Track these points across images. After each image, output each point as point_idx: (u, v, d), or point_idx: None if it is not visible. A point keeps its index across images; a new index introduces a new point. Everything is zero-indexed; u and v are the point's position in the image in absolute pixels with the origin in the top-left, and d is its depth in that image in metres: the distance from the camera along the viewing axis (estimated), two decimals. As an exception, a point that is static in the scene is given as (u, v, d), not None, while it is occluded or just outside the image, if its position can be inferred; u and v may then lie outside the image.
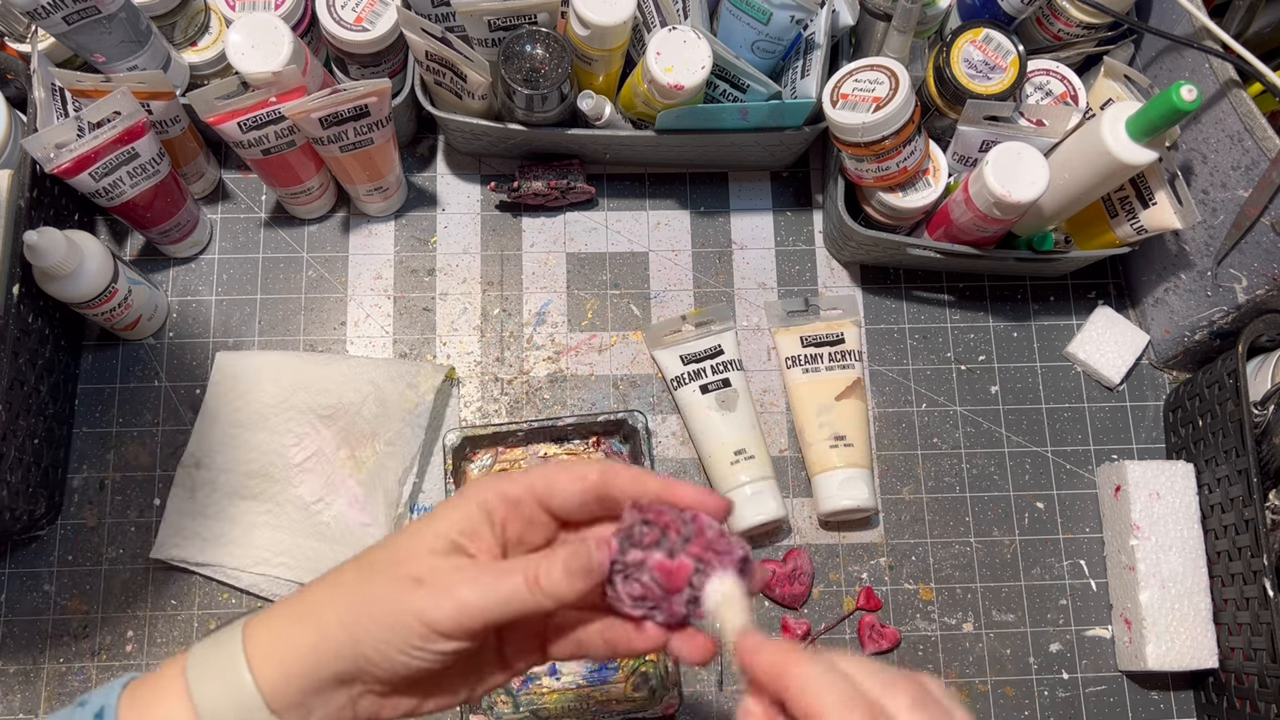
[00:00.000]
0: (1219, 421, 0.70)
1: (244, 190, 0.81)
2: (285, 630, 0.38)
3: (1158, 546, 0.70)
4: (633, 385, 0.78)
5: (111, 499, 0.73)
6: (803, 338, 0.76)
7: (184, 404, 0.75)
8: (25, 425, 0.67)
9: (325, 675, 0.37)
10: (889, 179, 0.71)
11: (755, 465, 0.72)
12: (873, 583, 0.74)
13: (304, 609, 0.38)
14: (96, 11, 0.63)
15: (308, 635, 0.37)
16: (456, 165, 0.82)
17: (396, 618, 0.36)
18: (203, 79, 0.75)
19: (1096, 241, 0.75)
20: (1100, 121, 0.65)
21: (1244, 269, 0.68)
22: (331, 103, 0.64)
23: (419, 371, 0.74)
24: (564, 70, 0.68)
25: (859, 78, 0.68)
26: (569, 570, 0.36)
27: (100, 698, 0.38)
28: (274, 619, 0.38)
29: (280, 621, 0.38)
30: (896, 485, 0.76)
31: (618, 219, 0.82)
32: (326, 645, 0.36)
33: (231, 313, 0.78)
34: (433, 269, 0.80)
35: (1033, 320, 0.81)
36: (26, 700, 0.69)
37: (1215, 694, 0.70)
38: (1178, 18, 0.69)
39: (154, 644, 0.70)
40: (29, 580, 0.71)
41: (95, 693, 0.38)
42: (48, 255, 0.62)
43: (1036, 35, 0.75)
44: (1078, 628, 0.74)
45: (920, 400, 0.78)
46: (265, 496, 0.71)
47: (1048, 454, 0.78)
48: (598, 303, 0.79)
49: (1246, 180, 0.65)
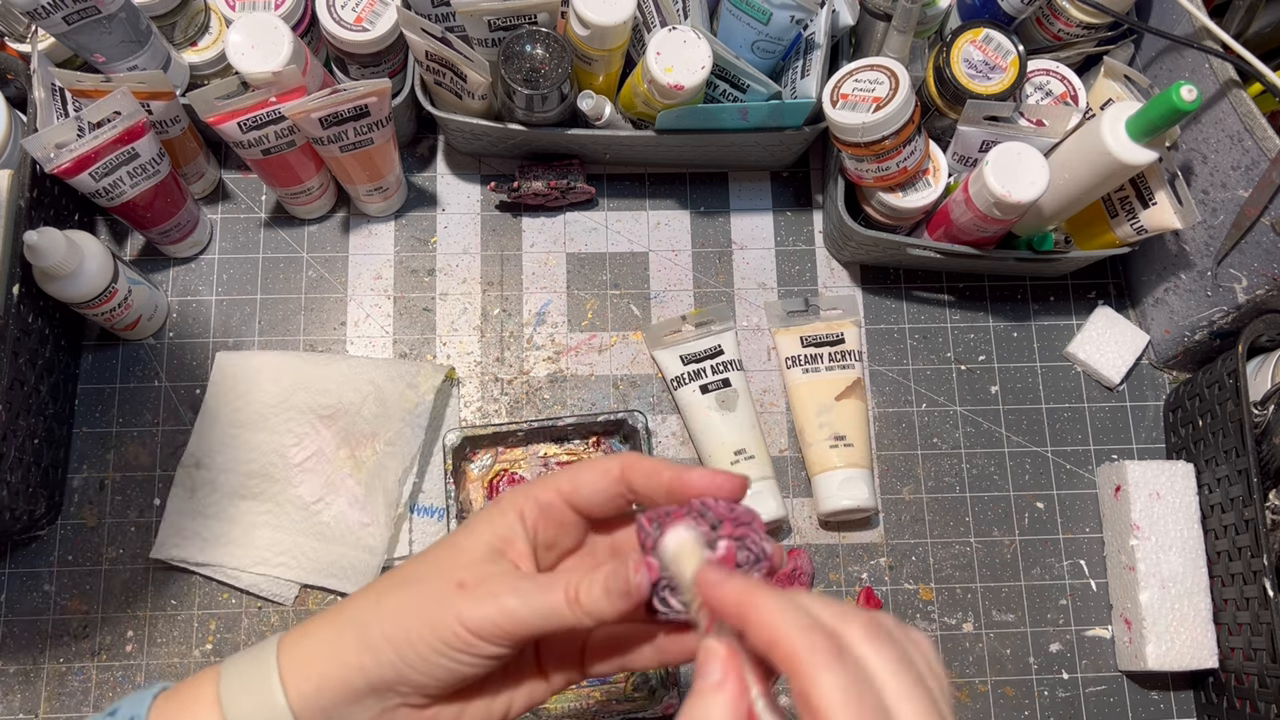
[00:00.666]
0: (1219, 421, 0.70)
1: (244, 190, 0.81)
2: (323, 641, 0.37)
3: (1158, 546, 0.70)
4: (633, 385, 0.78)
5: (111, 499, 0.73)
6: (803, 338, 0.76)
7: (184, 404, 0.75)
8: (25, 425, 0.67)
9: (361, 685, 0.36)
10: (889, 179, 0.71)
11: (755, 465, 0.72)
12: (873, 583, 0.74)
13: (344, 619, 0.38)
14: (96, 11, 0.63)
15: (346, 644, 0.37)
16: (456, 165, 0.82)
17: (438, 617, 0.36)
18: (203, 79, 0.75)
19: (1096, 241, 0.75)
20: (1100, 121, 0.65)
21: (1244, 269, 0.68)
22: (331, 103, 0.64)
23: (419, 371, 0.74)
24: (564, 70, 0.68)
25: (859, 78, 0.68)
26: (608, 590, 0.36)
27: (130, 707, 0.37)
28: (312, 630, 0.38)
29: (319, 632, 0.38)
30: (896, 485, 0.76)
31: (618, 219, 0.82)
32: (367, 654, 0.36)
33: (231, 313, 0.78)
34: (433, 269, 0.80)
35: (1033, 320, 0.81)
36: (26, 700, 0.69)
37: (1215, 694, 0.70)
38: (1178, 18, 0.69)
39: (154, 644, 0.70)
40: (29, 580, 0.71)
41: (125, 701, 0.38)
42: (48, 255, 0.62)
43: (1036, 35, 0.75)
44: (1078, 628, 0.74)
45: (920, 400, 0.78)
46: (265, 496, 0.71)
47: (1048, 454, 0.78)
48: (598, 303, 0.80)
49: (1246, 180, 0.65)
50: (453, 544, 0.38)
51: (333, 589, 0.71)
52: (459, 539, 0.39)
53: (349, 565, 0.70)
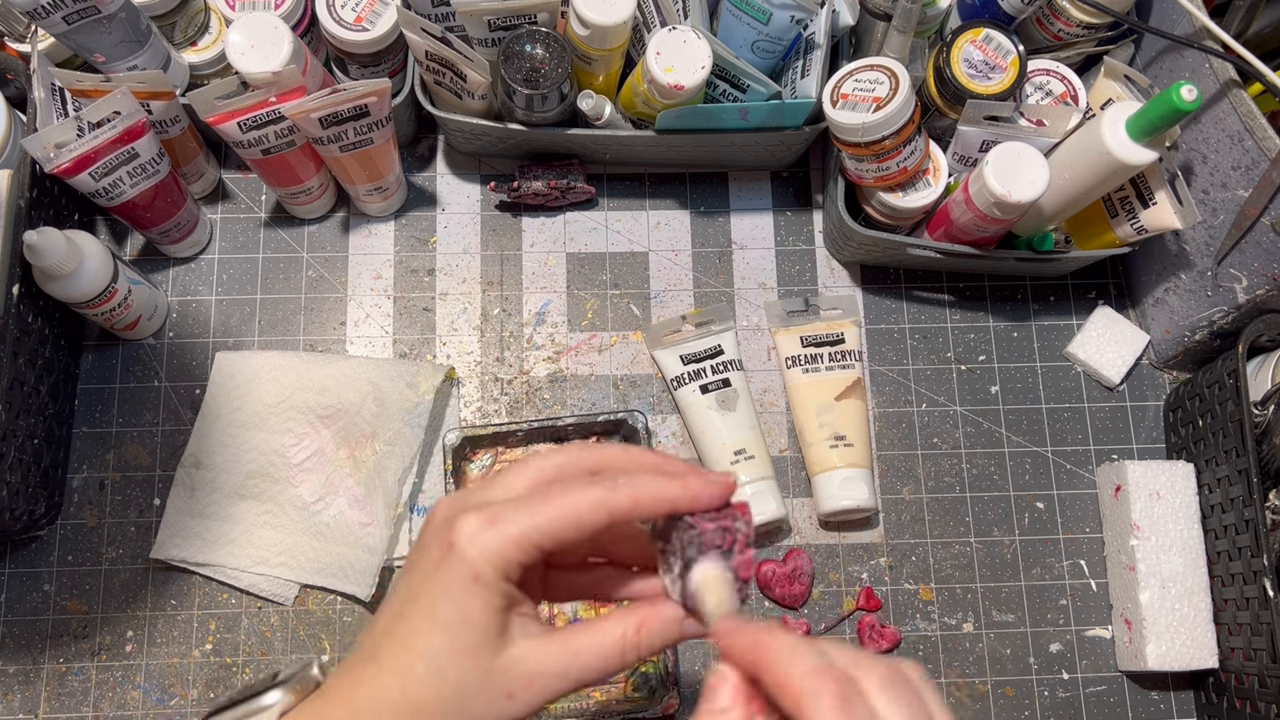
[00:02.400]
0: (1219, 421, 0.70)
1: (244, 190, 0.81)
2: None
3: (1158, 546, 0.70)
4: (633, 385, 0.78)
5: (111, 499, 0.73)
6: (803, 338, 0.76)
7: (184, 404, 0.75)
8: (25, 425, 0.67)
9: None
10: (889, 179, 0.71)
11: (755, 465, 0.72)
12: (873, 583, 0.74)
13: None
14: (96, 11, 0.63)
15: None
16: (456, 165, 0.82)
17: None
18: (203, 79, 0.75)
19: (1096, 241, 0.75)
20: (1100, 121, 0.65)
21: (1244, 269, 0.68)
22: (331, 103, 0.64)
23: (419, 371, 0.74)
24: (564, 70, 0.68)
25: (859, 78, 0.68)
26: (665, 641, 0.36)
27: None
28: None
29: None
30: (896, 485, 0.76)
31: (618, 219, 0.82)
32: None
33: (231, 313, 0.78)
34: (433, 269, 0.80)
35: (1033, 320, 0.81)
36: (26, 700, 0.69)
37: (1215, 694, 0.70)
38: (1178, 18, 0.69)
39: (154, 644, 0.70)
40: (29, 580, 0.71)
41: None
42: (48, 255, 0.62)
43: (1036, 35, 0.75)
44: (1078, 628, 0.74)
45: (920, 400, 0.78)
46: (265, 496, 0.71)
47: (1048, 454, 0.78)
48: (598, 303, 0.79)
49: (1246, 180, 0.65)
50: (465, 653, 0.34)
51: (332, 589, 0.71)
52: (463, 643, 0.34)
53: (349, 565, 0.70)
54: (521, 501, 0.34)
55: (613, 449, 0.37)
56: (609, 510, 0.34)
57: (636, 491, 0.34)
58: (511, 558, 0.33)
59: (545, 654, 0.35)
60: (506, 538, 0.33)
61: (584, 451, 0.37)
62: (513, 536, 0.33)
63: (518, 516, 0.33)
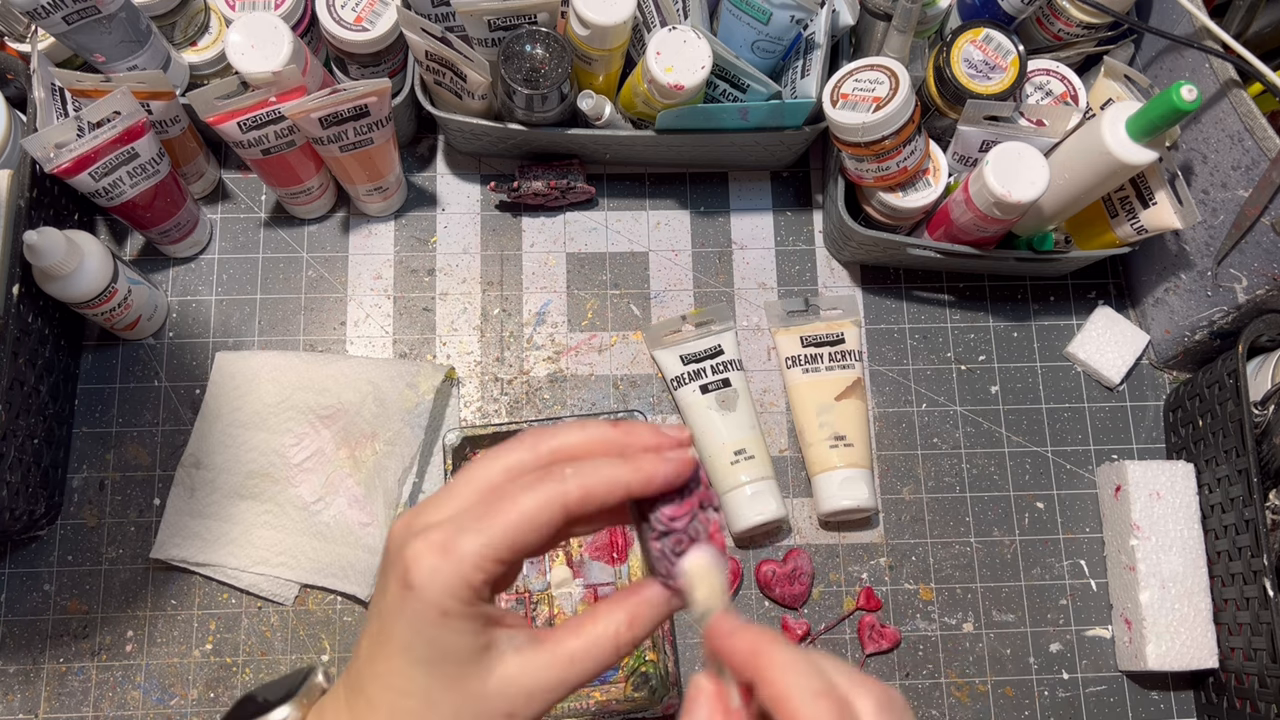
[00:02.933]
0: (1219, 421, 0.70)
1: (244, 190, 0.81)
2: None
3: (1158, 546, 0.70)
4: (633, 385, 0.78)
5: (111, 499, 0.73)
6: (803, 338, 0.76)
7: (184, 404, 0.75)
8: (25, 425, 0.67)
9: None
10: (889, 179, 0.71)
11: (755, 465, 0.72)
12: (873, 583, 0.74)
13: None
14: (96, 11, 0.63)
15: None
16: (456, 165, 0.82)
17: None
18: (203, 79, 0.75)
19: (1096, 241, 0.75)
20: (1100, 121, 0.65)
21: (1244, 269, 0.68)
22: (331, 103, 0.64)
23: (419, 371, 0.74)
24: (564, 70, 0.68)
25: (859, 78, 0.68)
26: (656, 621, 0.35)
27: None
28: None
29: None
30: (896, 485, 0.76)
31: (618, 219, 0.82)
32: None
33: (231, 313, 0.78)
34: (433, 269, 0.80)
35: (1033, 320, 0.81)
36: (26, 700, 0.69)
37: (1215, 694, 0.70)
38: (1178, 18, 0.69)
39: (154, 644, 0.70)
40: (29, 580, 0.71)
41: None
42: (48, 255, 0.62)
43: (1036, 35, 0.75)
44: (1078, 628, 0.74)
45: (920, 400, 0.78)
46: (265, 496, 0.71)
47: (1048, 454, 0.78)
48: (598, 303, 0.79)
49: (1246, 180, 0.65)
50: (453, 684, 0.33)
51: (333, 589, 0.71)
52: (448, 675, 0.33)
53: (349, 565, 0.70)
54: (470, 517, 0.33)
55: (568, 432, 0.35)
56: (562, 506, 0.32)
57: (586, 481, 0.33)
58: (473, 580, 0.32)
59: (539, 666, 0.34)
60: (463, 563, 0.32)
61: (536, 442, 0.35)
62: (470, 561, 0.32)
63: (469, 539, 0.32)
